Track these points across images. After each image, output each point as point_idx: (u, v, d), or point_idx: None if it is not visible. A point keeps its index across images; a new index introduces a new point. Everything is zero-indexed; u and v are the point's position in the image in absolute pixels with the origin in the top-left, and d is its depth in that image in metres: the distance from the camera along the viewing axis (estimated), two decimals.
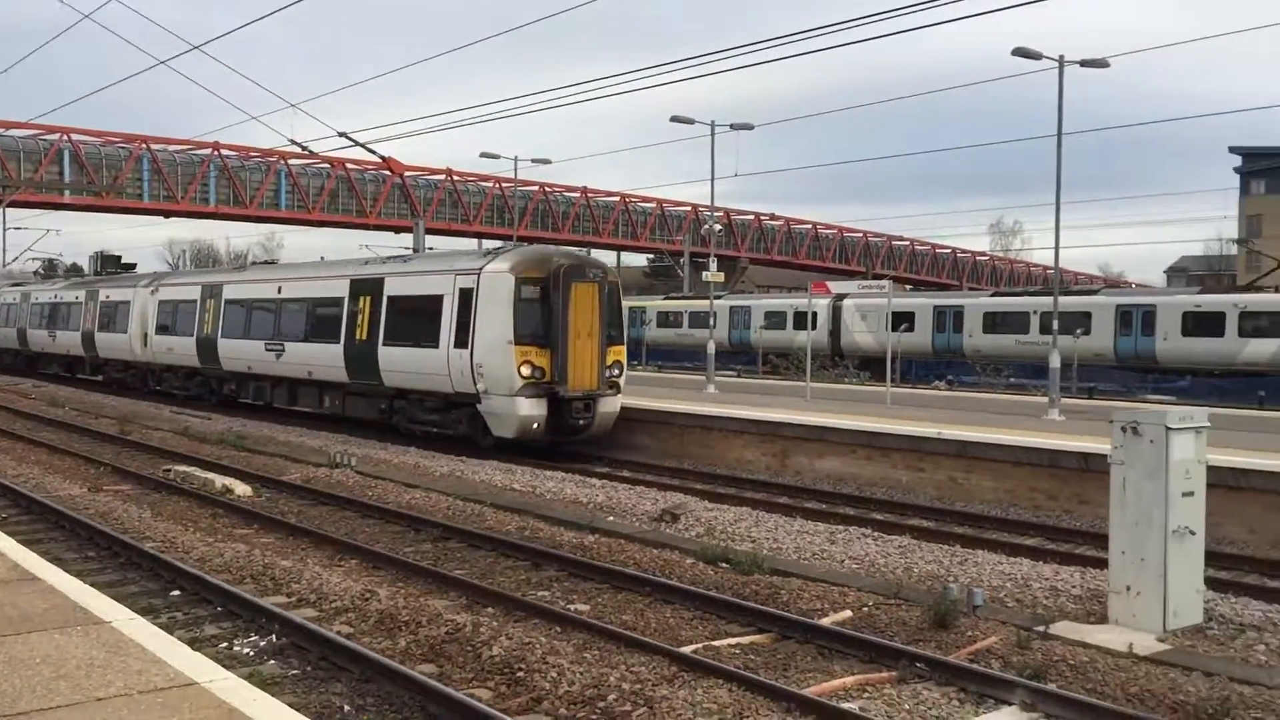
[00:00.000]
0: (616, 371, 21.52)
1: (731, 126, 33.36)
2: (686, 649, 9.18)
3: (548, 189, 66.78)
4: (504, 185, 61.40)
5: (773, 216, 77.05)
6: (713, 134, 32.05)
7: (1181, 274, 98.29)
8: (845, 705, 7.91)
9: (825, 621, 10.08)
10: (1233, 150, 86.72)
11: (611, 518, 15.61)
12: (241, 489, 17.33)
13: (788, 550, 13.56)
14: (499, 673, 8.57)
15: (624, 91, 29.64)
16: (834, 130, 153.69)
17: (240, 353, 28.74)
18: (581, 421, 20.90)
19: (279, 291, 27.57)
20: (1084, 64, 24.56)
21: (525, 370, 20.22)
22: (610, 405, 21.49)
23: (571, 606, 10.76)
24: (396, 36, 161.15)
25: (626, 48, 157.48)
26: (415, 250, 35.60)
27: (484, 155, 45.93)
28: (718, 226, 49.24)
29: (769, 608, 10.51)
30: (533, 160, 47.30)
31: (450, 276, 21.76)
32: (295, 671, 8.64)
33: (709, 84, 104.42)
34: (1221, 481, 13.38)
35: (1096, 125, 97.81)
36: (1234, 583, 12.01)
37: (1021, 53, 23.77)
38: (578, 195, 68.84)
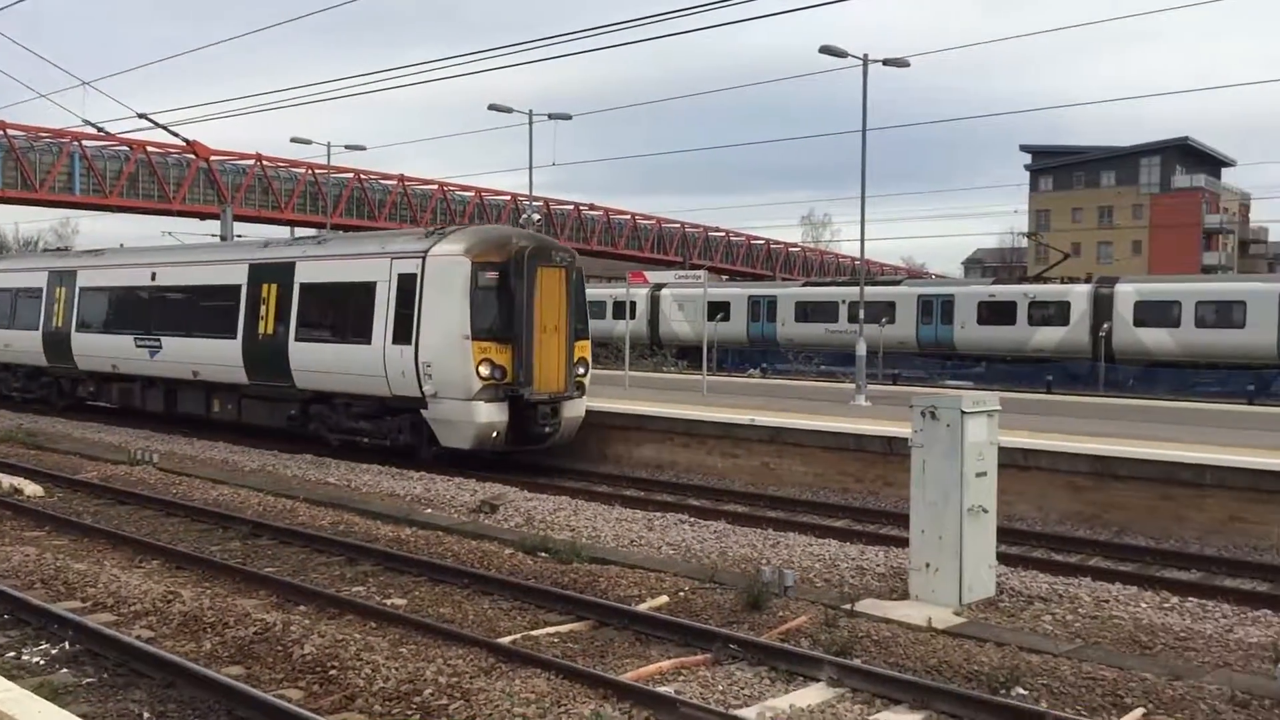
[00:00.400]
0: (583, 370, 19.16)
1: (549, 116, 33.48)
2: (505, 640, 9.17)
3: (363, 176, 65.21)
4: (317, 172, 59.63)
5: (592, 207, 77.32)
6: (530, 123, 32.12)
7: (977, 265, 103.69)
8: (661, 689, 8.05)
9: (642, 607, 10.23)
10: (1023, 148, 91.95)
11: (429, 510, 15.44)
12: (31, 489, 16.41)
13: (606, 538, 13.70)
14: (311, 672, 8.37)
15: (441, 78, 29.28)
16: (651, 122, 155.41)
17: (101, 349, 25.22)
18: (547, 428, 18.42)
19: (153, 278, 24.08)
20: (886, 63, 25.59)
21: (484, 370, 17.62)
22: (576, 409, 19.08)
23: (388, 601, 10.60)
24: (200, 12, 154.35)
25: (446, 36, 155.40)
26: (223, 238, 34.23)
27: (295, 140, 44.51)
28: (537, 216, 49.12)
29: (587, 596, 10.60)
30: (346, 146, 46.01)
31: (385, 261, 19.00)
32: (91, 680, 8.23)
33: (528, 74, 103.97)
34: (1012, 461, 14.21)
35: (901, 122, 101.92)
36: (1023, 557, 12.76)
37: (828, 50, 24.57)
38: (394, 183, 67.47)
